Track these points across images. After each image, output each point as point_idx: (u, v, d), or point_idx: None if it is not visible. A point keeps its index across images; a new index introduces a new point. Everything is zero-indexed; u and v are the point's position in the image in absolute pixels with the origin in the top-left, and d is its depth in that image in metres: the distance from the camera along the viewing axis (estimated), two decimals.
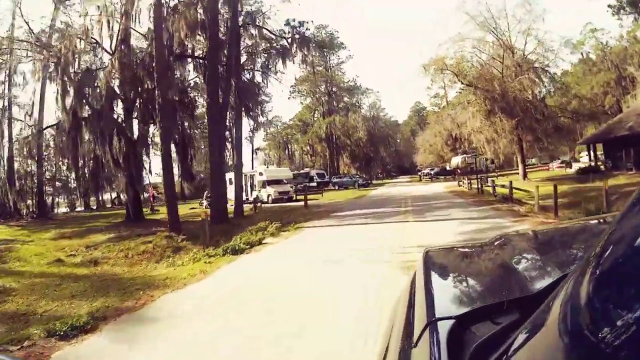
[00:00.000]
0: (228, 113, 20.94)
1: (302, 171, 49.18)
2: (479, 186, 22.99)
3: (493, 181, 20.71)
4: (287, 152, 69.70)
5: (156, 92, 17.68)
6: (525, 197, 17.61)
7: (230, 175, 37.81)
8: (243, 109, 22.82)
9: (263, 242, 11.49)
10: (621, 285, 0.53)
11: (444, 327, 0.83)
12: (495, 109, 26.57)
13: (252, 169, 39.93)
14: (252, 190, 33.06)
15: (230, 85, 19.72)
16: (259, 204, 26.00)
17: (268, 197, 31.16)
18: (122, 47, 22.63)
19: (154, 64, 22.41)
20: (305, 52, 20.49)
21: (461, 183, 30.52)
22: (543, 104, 28.76)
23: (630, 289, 0.50)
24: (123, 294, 8.34)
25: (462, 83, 27.94)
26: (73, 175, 23.64)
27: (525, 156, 30.74)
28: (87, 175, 24.35)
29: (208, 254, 10.42)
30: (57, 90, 22.48)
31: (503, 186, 19.11)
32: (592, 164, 35.31)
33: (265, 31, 21.21)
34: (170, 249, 15.97)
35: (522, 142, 28.56)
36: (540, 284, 0.91)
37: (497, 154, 29.28)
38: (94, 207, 46.56)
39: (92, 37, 23.75)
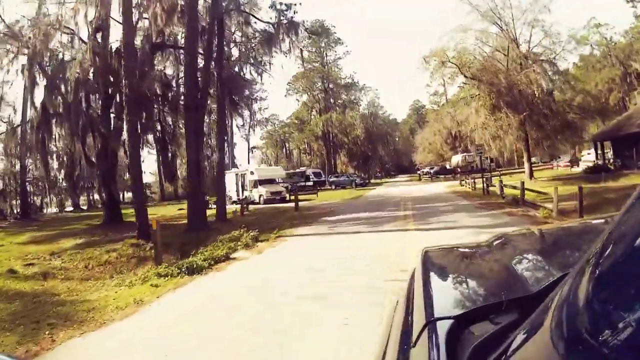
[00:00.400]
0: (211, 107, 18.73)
1: (297, 170, 46.91)
2: (485, 186, 20.71)
3: (501, 181, 18.42)
4: (284, 150, 67.48)
5: (123, 82, 15.40)
6: (538, 199, 15.43)
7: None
8: (229, 103, 20.59)
9: (231, 256, 9.24)
10: (620, 285, 0.52)
11: (442, 327, 0.81)
12: (500, 103, 24.26)
13: (247, 167, 37.57)
14: (243, 190, 30.83)
15: (210, 75, 17.48)
16: (247, 205, 23.79)
17: (260, 197, 28.95)
18: (96, 36, 20.43)
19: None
20: (293, 39, 18.20)
21: (463, 183, 28.31)
22: (551, 98, 26.46)
23: (630, 290, 0.49)
24: (31, 330, 6.20)
25: (465, 76, 25.61)
26: (49, 174, 21.23)
27: (530, 154, 28.41)
28: (63, 174, 22.33)
29: (159, 272, 8.19)
30: (27, 82, 20.33)
31: (514, 187, 16.89)
32: (600, 162, 33.41)
33: (251, 17, 18.90)
34: (135, 259, 13.81)
35: (528, 139, 26.27)
36: (540, 284, 0.89)
37: (502, 151, 26.93)
38: (85, 207, 44.45)
39: (65, 26, 21.50)
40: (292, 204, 25.32)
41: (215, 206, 29.04)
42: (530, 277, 1.01)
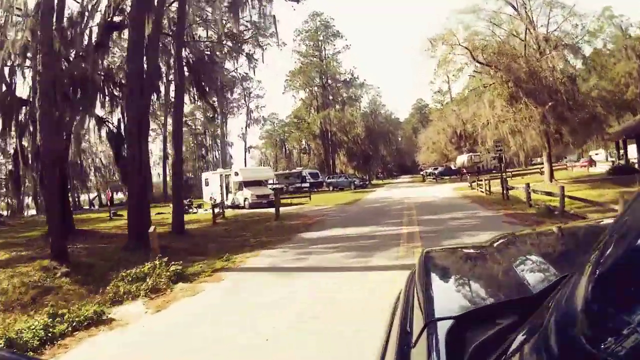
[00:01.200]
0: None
1: (293, 171, 42.76)
2: (504, 191, 16.45)
3: (528, 185, 14.21)
4: (284, 150, 63.33)
5: (37, 61, 11.43)
6: (577, 209, 11.37)
7: (206, 175, 31.70)
8: (196, 90, 16.61)
9: (108, 315, 5.17)
10: (621, 287, 0.51)
11: (443, 328, 0.78)
12: (519, 93, 20.01)
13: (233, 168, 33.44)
14: (227, 192, 26.78)
15: (157, 51, 13.54)
16: (223, 212, 19.75)
17: (245, 201, 24.88)
18: (39, 11, 16.51)
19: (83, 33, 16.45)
20: (265, 3, 14.13)
21: (474, 185, 24.09)
22: (575, 88, 22.19)
23: (630, 291, 0.49)
24: None
25: (478, 62, 21.37)
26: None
27: (550, 152, 24.08)
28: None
29: None
30: None
31: (550, 193, 12.76)
32: (622, 162, 29.64)
33: None
34: (36, 291, 9.79)
35: (549, 135, 21.95)
36: (540, 285, 0.87)
37: (521, 148, 22.58)
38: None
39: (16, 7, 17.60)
40: (283, 209, 21.40)
41: (197, 211, 25.32)
42: (531, 278, 0.95)
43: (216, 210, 19.83)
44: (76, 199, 42.97)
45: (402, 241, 8.52)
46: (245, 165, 49.69)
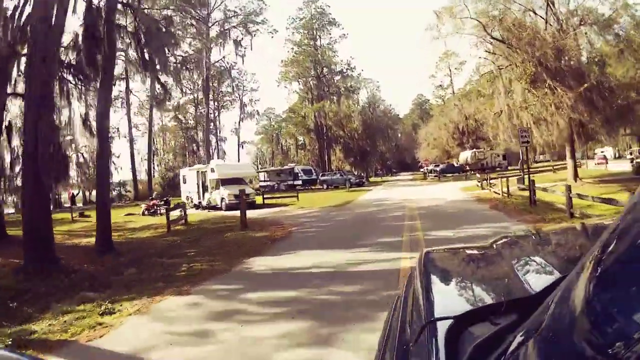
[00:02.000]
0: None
1: (285, 167, 38.93)
2: (532, 194, 12.53)
3: (569, 188, 10.31)
4: (280, 146, 59.48)
5: None
6: None
7: (183, 172, 27.91)
8: (141, 63, 12.84)
9: None
10: (620, 287, 0.50)
11: (442, 327, 0.76)
12: (544, 75, 16.13)
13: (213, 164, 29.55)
14: (204, 191, 23.02)
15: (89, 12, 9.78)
16: (185, 216, 15.97)
17: (221, 201, 21.10)
18: None
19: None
20: None
21: (484, 185, 20.26)
22: (606, 71, 18.35)
23: (629, 291, 0.47)
24: None
25: (493, 39, 17.48)
26: None
27: (573, 146, 20.22)
28: None
29: None
30: None
31: (610, 200, 8.87)
32: None
33: None
34: None
35: (572, 126, 18.08)
36: (540, 285, 0.84)
37: (543, 140, 18.67)
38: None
39: None
40: (259, 212, 17.90)
41: (175, 213, 21.51)
42: (531, 278, 0.93)
43: (178, 212, 16.27)
44: (57, 197, 39.31)
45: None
46: (239, 161, 45.84)
